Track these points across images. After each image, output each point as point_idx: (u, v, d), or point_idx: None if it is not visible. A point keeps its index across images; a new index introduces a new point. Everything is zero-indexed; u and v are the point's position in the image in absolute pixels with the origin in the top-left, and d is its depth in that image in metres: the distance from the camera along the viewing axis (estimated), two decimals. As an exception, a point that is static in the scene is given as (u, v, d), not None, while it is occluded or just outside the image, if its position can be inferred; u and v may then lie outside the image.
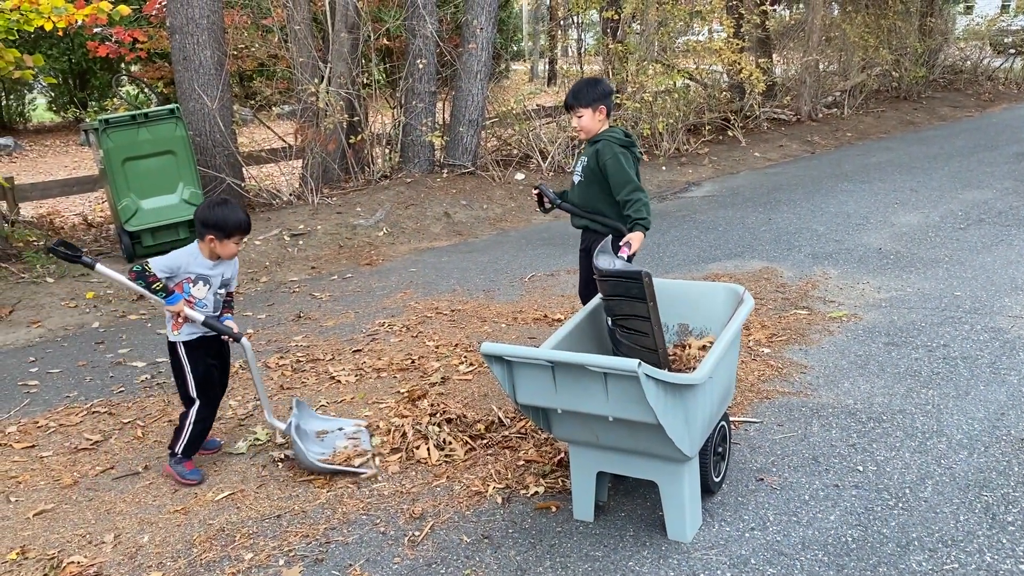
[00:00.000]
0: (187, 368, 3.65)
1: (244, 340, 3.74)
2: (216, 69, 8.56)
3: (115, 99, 14.25)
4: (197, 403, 3.67)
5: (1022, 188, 8.53)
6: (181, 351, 3.64)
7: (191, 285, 3.60)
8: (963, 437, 3.66)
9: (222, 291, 3.72)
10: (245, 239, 3.67)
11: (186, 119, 7.92)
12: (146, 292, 3.52)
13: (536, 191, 4.23)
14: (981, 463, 3.44)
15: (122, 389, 4.86)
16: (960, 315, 5.12)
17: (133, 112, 7.41)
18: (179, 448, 3.69)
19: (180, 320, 3.60)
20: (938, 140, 12.31)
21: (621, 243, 3.73)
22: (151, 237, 7.39)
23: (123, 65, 15.88)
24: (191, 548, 3.20)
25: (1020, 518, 3.05)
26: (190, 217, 7.50)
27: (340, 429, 4.03)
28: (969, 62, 18.00)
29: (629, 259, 3.66)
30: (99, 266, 3.60)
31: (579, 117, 3.99)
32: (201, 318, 3.59)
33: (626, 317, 3.25)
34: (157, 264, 3.51)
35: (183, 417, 3.71)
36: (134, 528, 3.37)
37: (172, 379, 3.81)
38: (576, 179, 4.15)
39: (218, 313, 3.70)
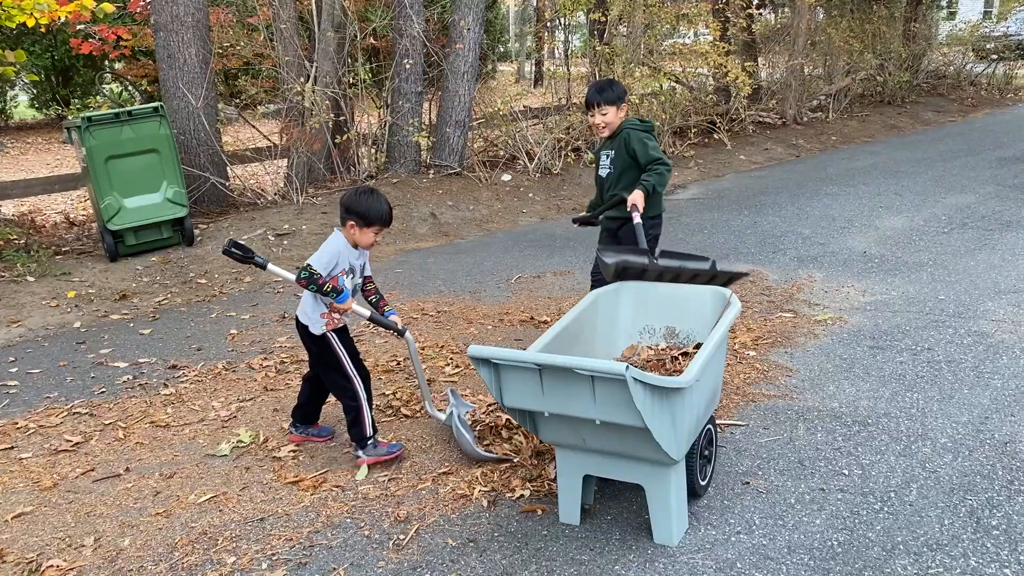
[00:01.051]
0: (342, 354, 3.63)
1: (408, 335, 3.77)
2: (201, 67, 8.50)
3: (98, 97, 14.13)
4: (358, 383, 3.64)
5: (1004, 193, 8.60)
6: (333, 340, 3.62)
7: (345, 277, 3.59)
8: (947, 441, 3.67)
9: (359, 279, 3.72)
10: (384, 232, 3.65)
11: (170, 117, 7.85)
12: (318, 296, 3.55)
13: (576, 223, 4.72)
14: (965, 467, 3.45)
15: (103, 390, 4.80)
16: (944, 319, 5.15)
17: (116, 110, 7.34)
18: (368, 432, 3.65)
19: (337, 318, 3.61)
20: (922, 145, 12.40)
21: (628, 208, 4.13)
22: (134, 236, 7.33)
23: (107, 63, 15.76)
24: (173, 551, 3.16)
25: (1004, 522, 3.06)
26: (174, 216, 7.45)
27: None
28: (952, 67, 18.16)
29: (642, 217, 4.14)
30: (270, 266, 3.59)
31: (603, 114, 4.35)
32: (367, 313, 3.60)
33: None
34: (319, 263, 3.48)
35: (349, 409, 3.66)
36: (115, 531, 3.32)
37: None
38: (605, 172, 4.47)
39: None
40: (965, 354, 4.60)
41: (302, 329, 3.66)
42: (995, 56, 18.55)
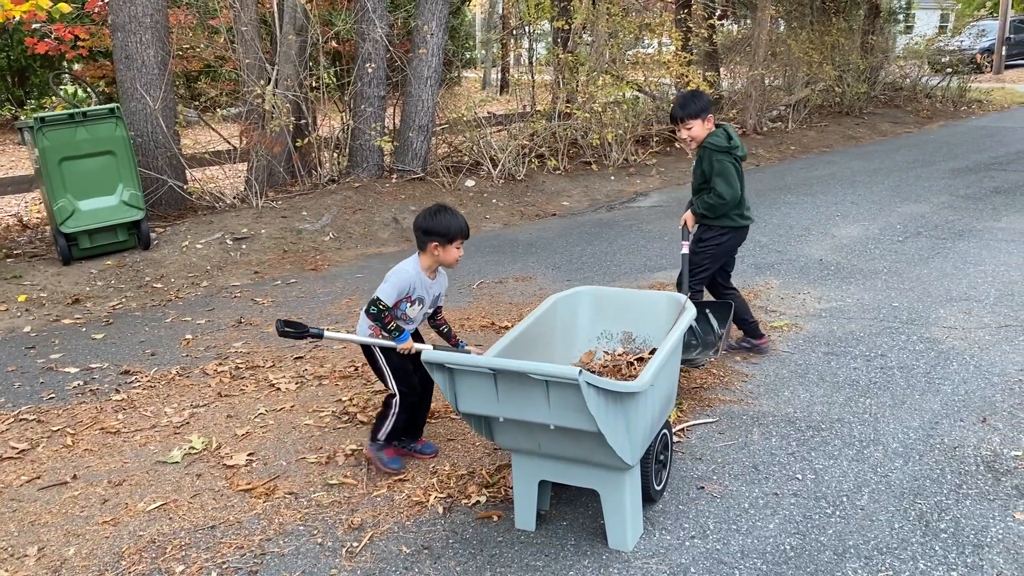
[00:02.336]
0: (383, 362, 3.57)
1: None
2: (159, 69, 8.38)
3: (54, 97, 13.86)
4: (398, 395, 3.58)
5: (957, 203, 8.78)
6: (377, 352, 3.57)
7: (408, 304, 3.52)
8: (899, 446, 3.72)
9: (430, 309, 3.64)
10: (465, 243, 3.57)
11: (127, 119, 7.73)
12: (379, 341, 3.48)
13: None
14: (916, 471, 3.50)
15: (52, 396, 4.69)
16: (897, 326, 5.23)
17: (71, 111, 7.19)
18: (382, 435, 3.62)
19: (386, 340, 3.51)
20: (878, 155, 12.62)
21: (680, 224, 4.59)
22: (88, 239, 7.18)
23: (64, 63, 15.47)
24: (119, 560, 3.09)
25: (952, 526, 3.11)
26: (129, 219, 7.32)
27: None
28: (908, 80, 18.53)
29: (688, 235, 4.53)
30: (327, 332, 3.51)
31: (688, 128, 4.39)
32: (430, 347, 3.44)
33: None
34: (388, 294, 3.41)
35: (387, 403, 3.63)
36: (59, 540, 3.24)
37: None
38: (693, 180, 4.69)
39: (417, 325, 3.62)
40: (917, 360, 4.68)
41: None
42: (950, 69, 18.97)
